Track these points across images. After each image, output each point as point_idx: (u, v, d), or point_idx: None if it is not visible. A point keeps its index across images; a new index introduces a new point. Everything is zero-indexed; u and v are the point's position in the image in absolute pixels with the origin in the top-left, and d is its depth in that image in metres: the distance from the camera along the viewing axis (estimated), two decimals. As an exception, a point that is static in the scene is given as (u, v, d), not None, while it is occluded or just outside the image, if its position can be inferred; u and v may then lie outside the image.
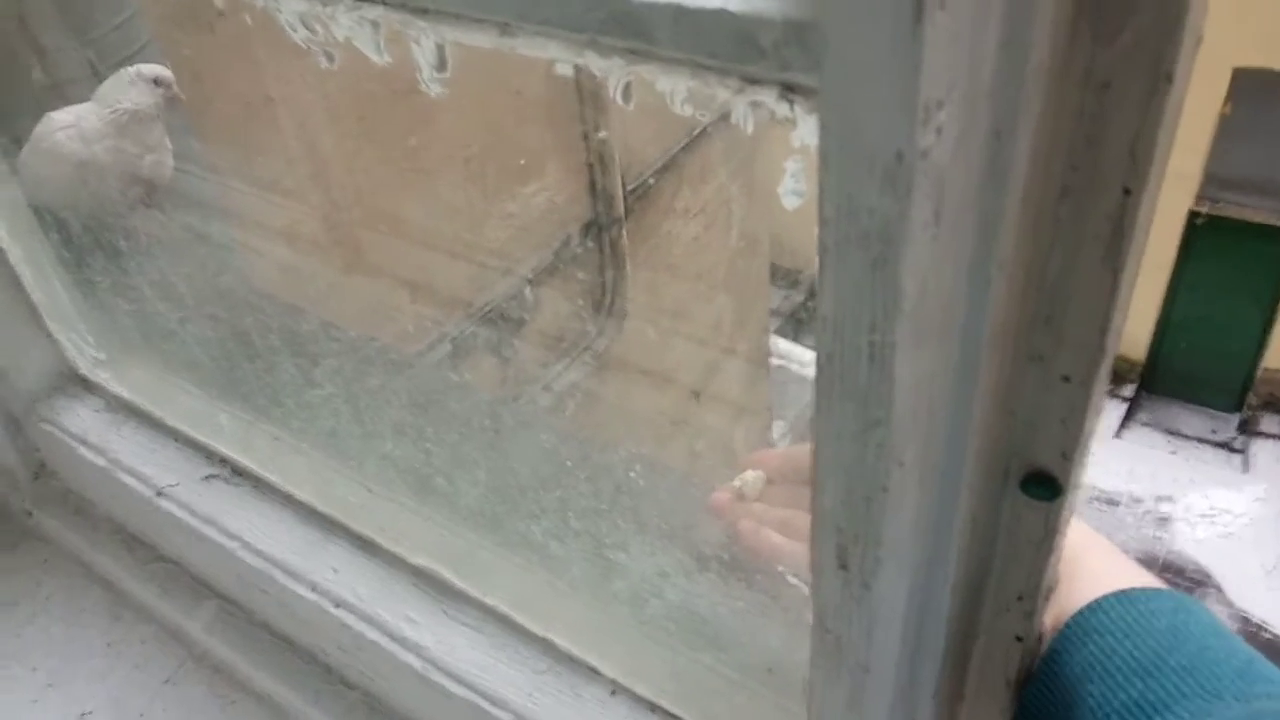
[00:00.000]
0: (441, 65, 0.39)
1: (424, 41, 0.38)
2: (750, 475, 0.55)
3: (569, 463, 0.76)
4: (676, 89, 0.33)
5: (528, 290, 2.25)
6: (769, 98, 0.30)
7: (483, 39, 0.36)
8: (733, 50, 0.29)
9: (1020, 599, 0.37)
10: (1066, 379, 0.31)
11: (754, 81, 0.29)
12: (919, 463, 0.30)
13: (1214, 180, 6.70)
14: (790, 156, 0.30)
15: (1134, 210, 0.28)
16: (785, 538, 0.53)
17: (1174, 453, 6.92)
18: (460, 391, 1.05)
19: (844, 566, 0.32)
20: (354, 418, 0.83)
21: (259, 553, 0.74)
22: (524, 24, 0.34)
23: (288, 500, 0.76)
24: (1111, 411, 7.19)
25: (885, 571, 0.32)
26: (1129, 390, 7.34)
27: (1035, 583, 0.36)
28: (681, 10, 0.29)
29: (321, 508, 0.73)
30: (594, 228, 2.66)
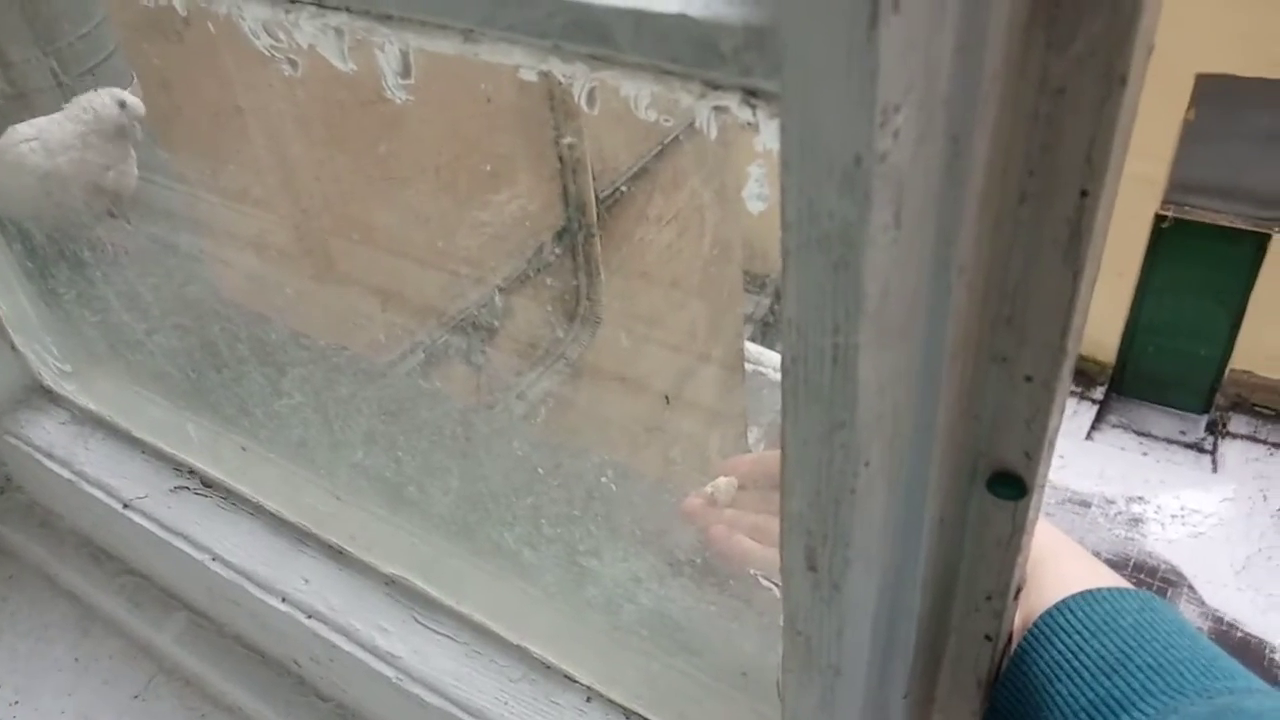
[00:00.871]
0: (406, 72, 0.39)
1: (388, 48, 0.38)
2: (723, 481, 0.55)
3: (541, 470, 0.76)
4: (640, 94, 0.33)
5: (500, 298, 2.25)
6: (732, 103, 0.30)
7: (447, 45, 0.36)
8: (694, 56, 0.29)
9: (989, 598, 0.37)
10: (1029, 379, 0.31)
11: (716, 87, 0.30)
12: (885, 464, 0.31)
13: (1179, 185, 6.80)
14: (754, 161, 0.31)
15: (1091, 213, 0.28)
16: (757, 543, 0.53)
17: (1145, 454, 7.00)
18: (432, 400, 1.05)
19: (813, 568, 0.32)
20: (324, 427, 0.83)
21: (229, 564, 0.73)
22: (488, 30, 0.34)
23: (257, 510, 0.75)
24: (1083, 414, 7.28)
25: (854, 572, 0.32)
26: (1099, 393, 7.43)
27: (1004, 582, 0.37)
28: (642, 15, 0.29)
29: (292, 517, 0.73)
30: (567, 235, 2.65)
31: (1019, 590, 0.38)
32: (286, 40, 0.41)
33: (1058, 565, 0.45)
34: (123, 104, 0.94)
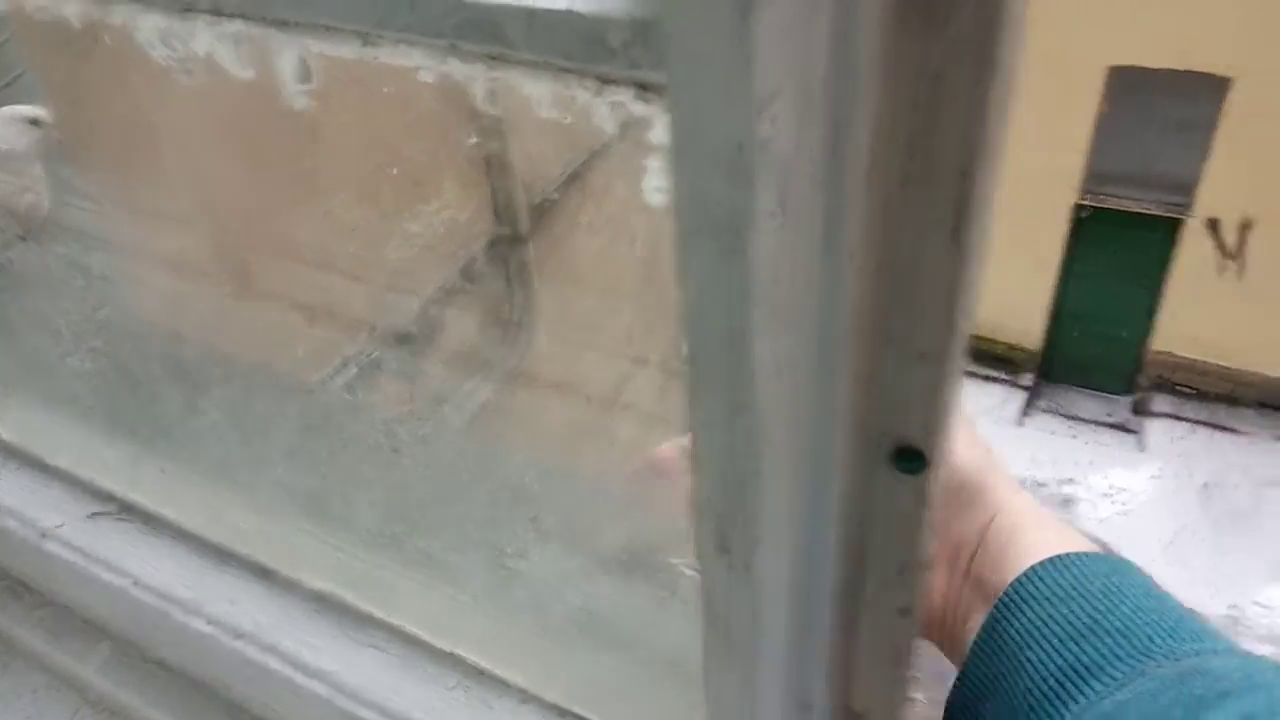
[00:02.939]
0: (305, 78, 0.39)
1: (286, 54, 0.38)
2: None
3: (469, 477, 0.76)
4: (540, 93, 0.33)
5: (432, 310, 2.23)
6: (625, 97, 0.31)
7: (345, 50, 0.36)
8: (585, 51, 0.29)
9: (901, 572, 0.38)
10: (924, 356, 0.32)
11: (609, 81, 0.30)
12: (788, 444, 0.31)
13: (1096, 175, 7.02)
14: (650, 154, 0.31)
15: (974, 194, 0.29)
16: None
17: (1074, 436, 7.21)
18: (360, 414, 1.04)
19: (725, 550, 0.33)
20: (246, 445, 0.81)
21: (152, 589, 0.71)
22: (384, 32, 0.34)
23: (180, 533, 0.73)
24: (1013, 401, 7.46)
25: (764, 552, 0.33)
26: (1028, 379, 7.63)
27: (914, 555, 0.38)
28: (533, 13, 0.29)
29: (215, 538, 0.72)
30: (498, 245, 2.64)
31: (929, 564, 0.40)
32: (183, 50, 0.40)
33: (1029, 534, 0.46)
34: (34, 123, 0.91)
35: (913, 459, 0.35)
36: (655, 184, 0.33)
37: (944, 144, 0.28)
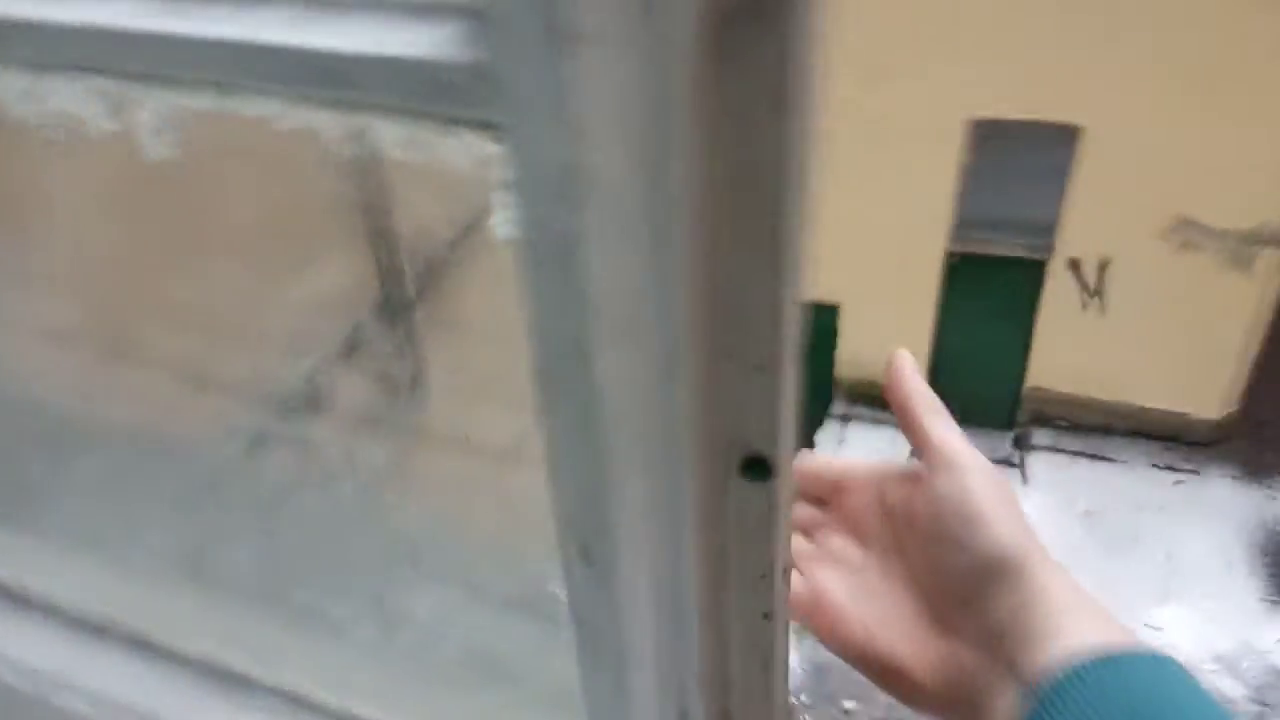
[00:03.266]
0: (164, 130, 0.40)
1: (146, 108, 0.39)
2: None
3: (357, 535, 0.76)
4: (393, 137, 0.35)
5: (320, 375, 2.19)
6: (471, 137, 0.33)
7: (204, 102, 0.37)
8: (431, 95, 0.31)
9: (762, 577, 0.41)
10: (760, 369, 0.35)
11: (456, 122, 0.32)
12: (639, 455, 0.34)
13: (964, 222, 7.39)
14: (495, 190, 0.33)
15: (787, 220, 0.32)
16: None
17: (963, 473, 7.44)
18: (244, 479, 1.02)
19: (587, 560, 0.34)
20: (121, 515, 0.79)
21: (22, 670, 0.69)
22: (238, 82, 0.35)
23: (51, 610, 0.71)
24: (904, 444, 7.67)
25: (624, 560, 0.35)
26: (916, 420, 7.86)
27: (770, 561, 0.40)
28: (380, 60, 0.31)
29: (89, 613, 0.69)
30: (388, 307, 2.62)
31: (788, 568, 0.42)
32: (40, 108, 0.41)
33: (1071, 621, 0.45)
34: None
35: (760, 468, 0.37)
36: (504, 217, 0.35)
37: (755, 174, 0.31)
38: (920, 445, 0.54)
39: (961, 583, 0.49)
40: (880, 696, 0.50)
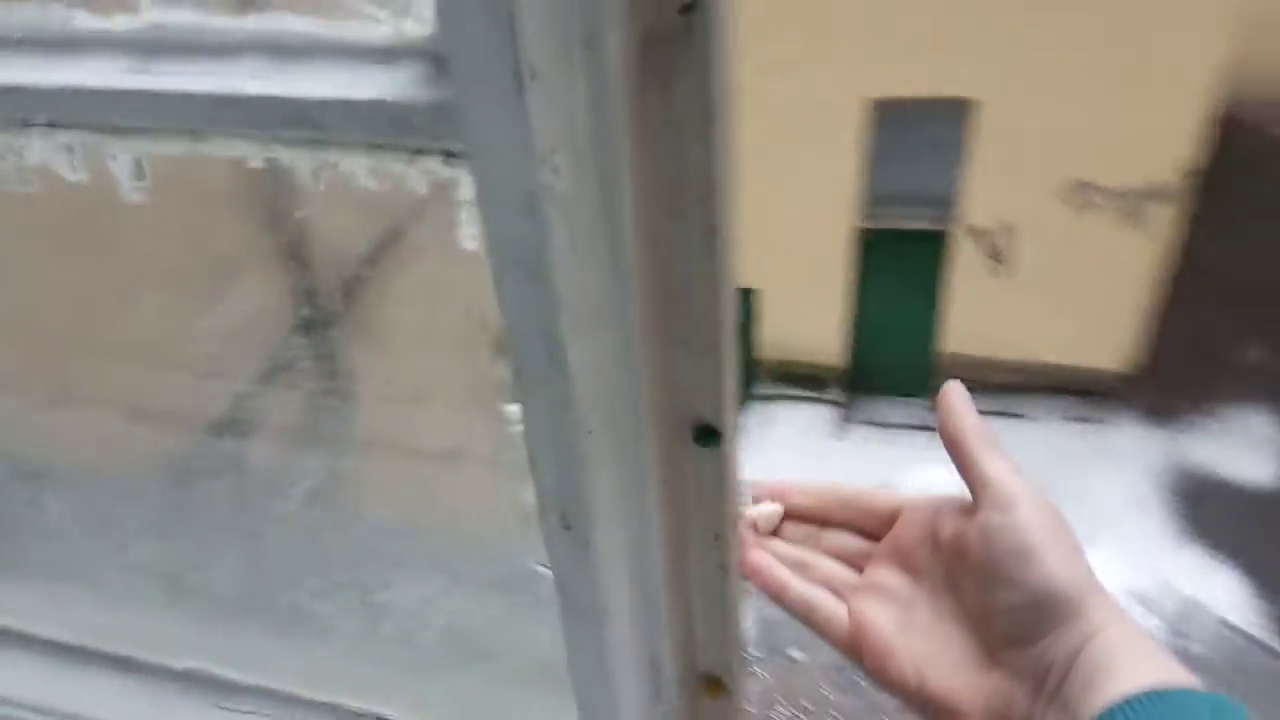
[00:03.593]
0: (140, 176, 0.43)
1: (120, 158, 0.42)
2: (766, 508, 0.53)
3: (317, 542, 0.79)
4: (358, 169, 0.39)
5: (252, 398, 2.18)
6: (434, 164, 0.37)
7: (178, 148, 0.41)
8: (395, 131, 0.35)
9: (717, 536, 0.46)
10: (705, 352, 0.40)
11: (418, 152, 0.36)
12: (608, 432, 0.38)
13: (872, 198, 7.60)
14: (460, 208, 0.38)
15: (718, 217, 0.37)
16: (798, 577, 0.52)
17: (889, 443, 7.67)
18: (200, 501, 1.03)
19: (567, 527, 0.39)
20: (87, 547, 0.81)
21: (11, 702, 0.70)
22: (212, 129, 0.39)
23: (31, 641, 0.72)
24: (829, 417, 7.87)
25: (599, 527, 0.39)
26: (840, 396, 8.08)
27: (724, 518, 0.45)
28: (348, 103, 0.35)
29: (72, 640, 0.71)
30: (309, 325, 2.61)
31: (738, 526, 0.47)
32: (16, 161, 0.43)
33: (1127, 662, 0.44)
34: None
35: (710, 435, 0.42)
36: (468, 233, 0.39)
37: (693, 182, 0.36)
38: (973, 480, 0.52)
39: (1015, 620, 0.48)
40: (826, 645, 0.53)
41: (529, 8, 0.29)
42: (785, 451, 7.20)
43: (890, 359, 8.08)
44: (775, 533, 0.54)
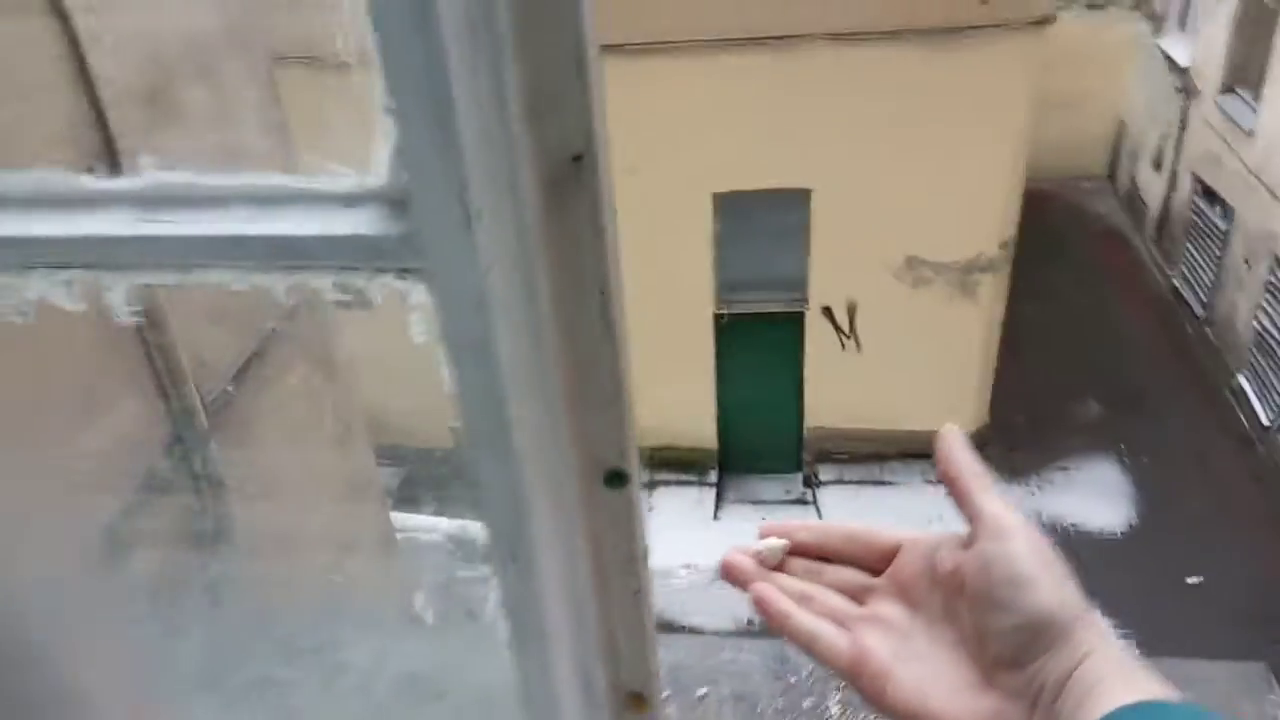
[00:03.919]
0: (133, 302, 0.51)
1: (115, 289, 0.50)
2: (774, 542, 0.57)
3: (242, 620, 0.84)
4: (324, 285, 0.49)
5: (124, 524, 2.16)
6: (390, 279, 0.47)
7: (168, 279, 0.50)
8: (366, 257, 0.46)
9: (629, 563, 0.56)
10: (607, 407, 0.51)
11: (382, 271, 0.47)
12: (540, 478, 0.49)
13: (725, 285, 7.96)
14: (412, 311, 0.48)
15: (609, 305, 0.49)
16: (801, 609, 0.55)
17: (763, 518, 7.88)
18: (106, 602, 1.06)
19: (514, 560, 0.49)
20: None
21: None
22: (208, 264, 0.48)
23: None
24: (705, 500, 8.03)
25: (540, 558, 0.49)
26: (713, 477, 8.29)
27: (634, 549, 0.56)
28: (330, 239, 0.45)
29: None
30: (180, 446, 2.59)
31: (647, 555, 0.58)
32: (17, 298, 0.50)
33: (1117, 682, 0.47)
34: None
35: (618, 479, 0.53)
36: (419, 330, 0.50)
37: (587, 278, 0.48)
38: (970, 514, 0.55)
39: (1009, 644, 0.50)
40: (726, 677, 0.62)
41: (473, 166, 0.41)
42: (665, 532, 7.30)
43: (758, 438, 8.38)
44: (780, 567, 0.58)
